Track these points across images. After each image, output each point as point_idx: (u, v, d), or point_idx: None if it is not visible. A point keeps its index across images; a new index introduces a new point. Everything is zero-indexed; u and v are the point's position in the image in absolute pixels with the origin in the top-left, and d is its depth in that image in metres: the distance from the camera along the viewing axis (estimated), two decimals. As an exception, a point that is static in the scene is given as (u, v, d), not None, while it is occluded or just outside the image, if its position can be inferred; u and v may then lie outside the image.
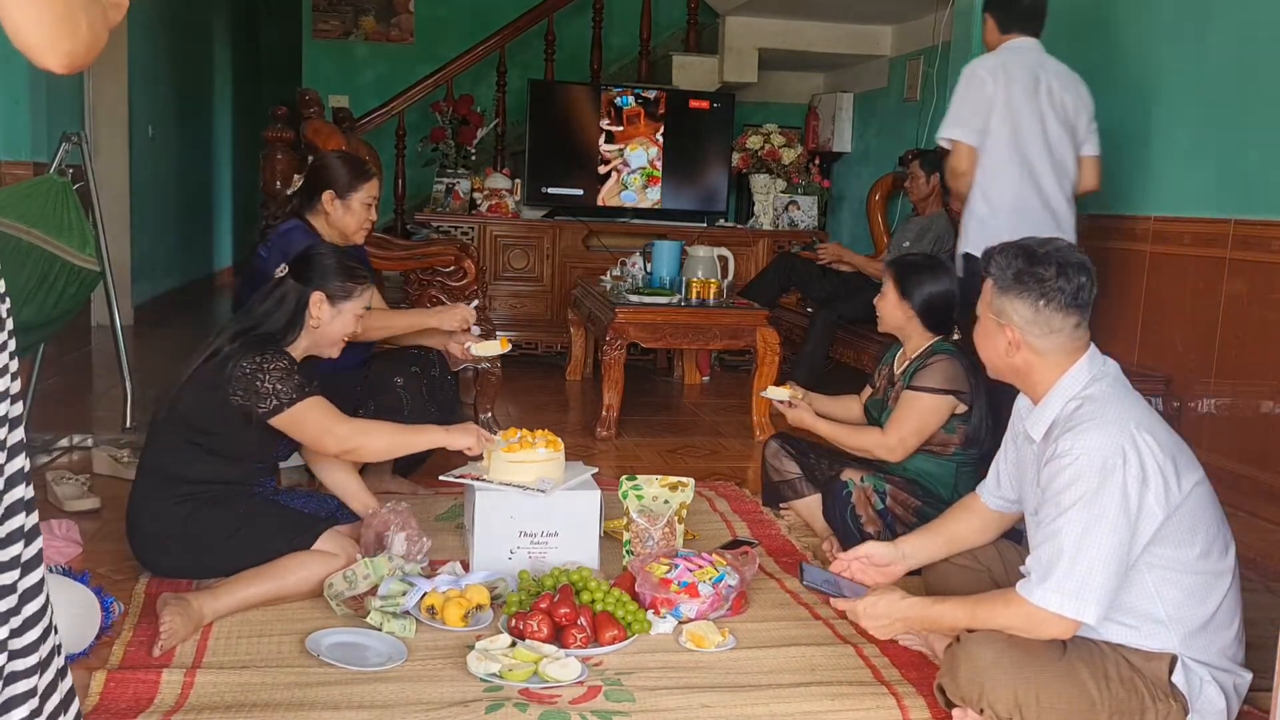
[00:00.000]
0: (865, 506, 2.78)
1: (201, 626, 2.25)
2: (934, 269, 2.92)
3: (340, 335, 2.57)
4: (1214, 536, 1.87)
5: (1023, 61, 3.39)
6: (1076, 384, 1.90)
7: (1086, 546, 1.76)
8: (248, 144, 10.12)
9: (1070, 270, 1.88)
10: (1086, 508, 1.77)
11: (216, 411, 2.40)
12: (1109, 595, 1.78)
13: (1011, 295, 1.91)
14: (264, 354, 2.40)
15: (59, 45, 1.09)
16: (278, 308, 2.50)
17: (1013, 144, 3.35)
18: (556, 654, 2.14)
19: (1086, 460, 1.78)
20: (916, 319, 2.87)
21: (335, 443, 2.46)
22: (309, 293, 2.50)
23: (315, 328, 2.52)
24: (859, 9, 6.06)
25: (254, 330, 2.47)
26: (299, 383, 2.41)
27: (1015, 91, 3.34)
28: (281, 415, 2.39)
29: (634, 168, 6.11)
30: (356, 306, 2.57)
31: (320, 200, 3.18)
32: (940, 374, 2.78)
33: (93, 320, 5.73)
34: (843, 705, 2.06)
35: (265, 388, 2.37)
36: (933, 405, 2.78)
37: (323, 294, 2.51)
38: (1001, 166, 3.36)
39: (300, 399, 2.40)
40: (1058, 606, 1.76)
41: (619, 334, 4.24)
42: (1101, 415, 1.83)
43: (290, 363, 2.43)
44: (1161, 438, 1.84)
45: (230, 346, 2.42)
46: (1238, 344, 3.53)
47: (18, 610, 1.19)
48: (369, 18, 7.28)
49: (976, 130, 3.35)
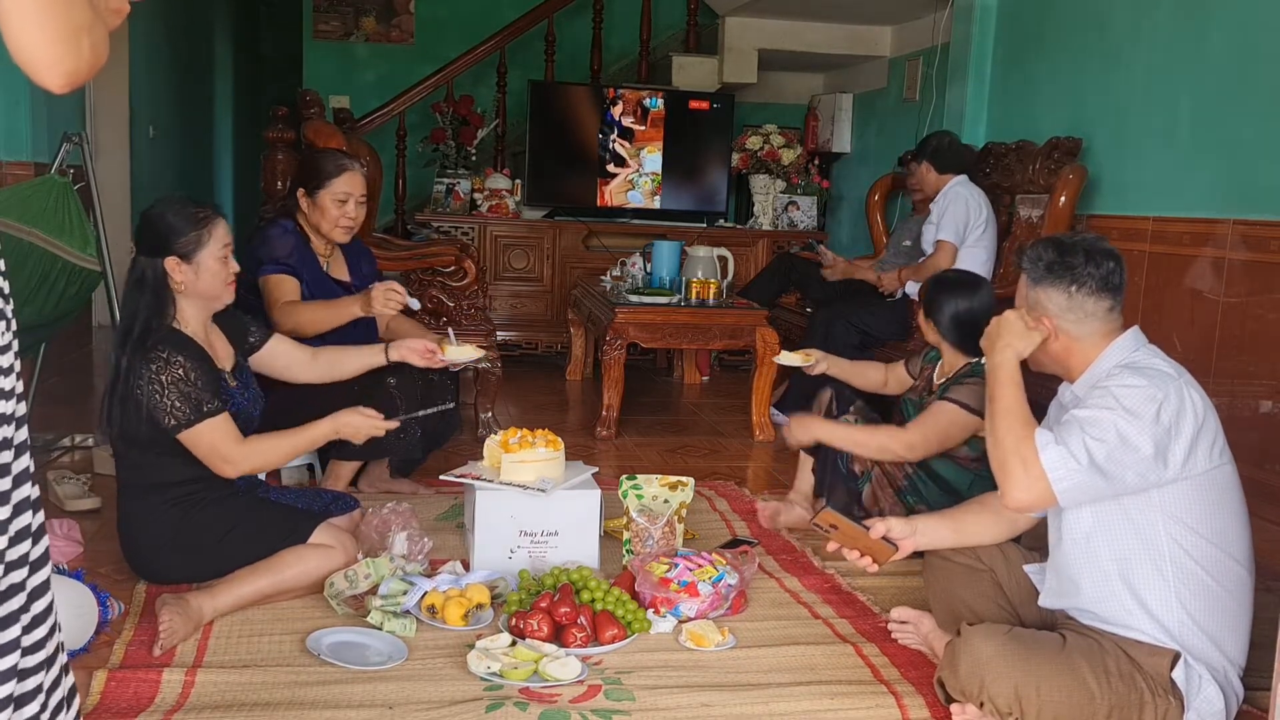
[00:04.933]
0: (860, 462, 2.82)
1: (202, 625, 2.25)
2: (962, 286, 2.86)
3: (217, 284, 2.41)
4: (1236, 534, 1.88)
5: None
6: (1122, 353, 1.94)
7: (1108, 426, 1.81)
8: (248, 144, 10.12)
9: (1098, 256, 1.94)
10: (1118, 408, 1.82)
11: (148, 422, 2.32)
12: (1099, 481, 1.82)
13: (1045, 285, 1.96)
14: (156, 361, 2.30)
15: (62, 64, 1.09)
16: (141, 291, 2.35)
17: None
18: (557, 653, 2.15)
19: (1125, 391, 1.84)
20: (945, 338, 2.84)
21: (230, 468, 2.37)
22: (160, 263, 2.35)
23: (184, 292, 2.38)
24: (859, 9, 6.06)
25: (133, 330, 2.33)
26: (196, 400, 2.31)
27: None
28: (181, 434, 2.33)
29: (646, 171, 6.14)
30: (215, 249, 2.39)
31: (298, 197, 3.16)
32: (975, 395, 2.71)
33: (93, 320, 5.73)
34: (842, 704, 2.06)
35: (164, 403, 2.30)
36: (960, 420, 2.73)
37: (174, 257, 2.35)
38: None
39: (198, 420, 2.32)
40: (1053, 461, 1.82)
41: (619, 334, 4.24)
42: (1151, 366, 1.89)
43: (185, 366, 2.31)
44: (1207, 406, 1.88)
45: (125, 359, 2.32)
46: (1237, 344, 3.53)
47: (27, 608, 1.20)
48: (369, 18, 7.28)
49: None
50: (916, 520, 2.20)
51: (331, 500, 2.68)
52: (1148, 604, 1.87)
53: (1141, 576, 1.87)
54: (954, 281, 2.91)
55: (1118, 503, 1.87)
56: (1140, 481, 1.83)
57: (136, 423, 2.32)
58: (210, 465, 2.38)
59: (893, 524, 2.15)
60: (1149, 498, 1.86)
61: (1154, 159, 3.99)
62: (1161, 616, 1.86)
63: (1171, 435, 1.81)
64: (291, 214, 3.21)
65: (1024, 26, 4.84)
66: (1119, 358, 1.93)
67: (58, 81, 1.10)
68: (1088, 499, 1.87)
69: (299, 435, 2.48)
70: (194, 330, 2.42)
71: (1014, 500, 1.88)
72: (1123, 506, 1.88)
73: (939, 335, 2.85)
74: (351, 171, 3.18)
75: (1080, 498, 1.86)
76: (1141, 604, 1.87)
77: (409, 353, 2.79)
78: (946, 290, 2.84)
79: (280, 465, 2.59)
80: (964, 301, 2.80)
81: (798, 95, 7.32)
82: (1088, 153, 4.32)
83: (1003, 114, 4.99)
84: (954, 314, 2.80)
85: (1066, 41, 4.54)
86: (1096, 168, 4.27)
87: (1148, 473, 1.82)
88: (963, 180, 4.44)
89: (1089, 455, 1.81)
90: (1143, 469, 1.81)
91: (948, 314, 2.80)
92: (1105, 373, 1.92)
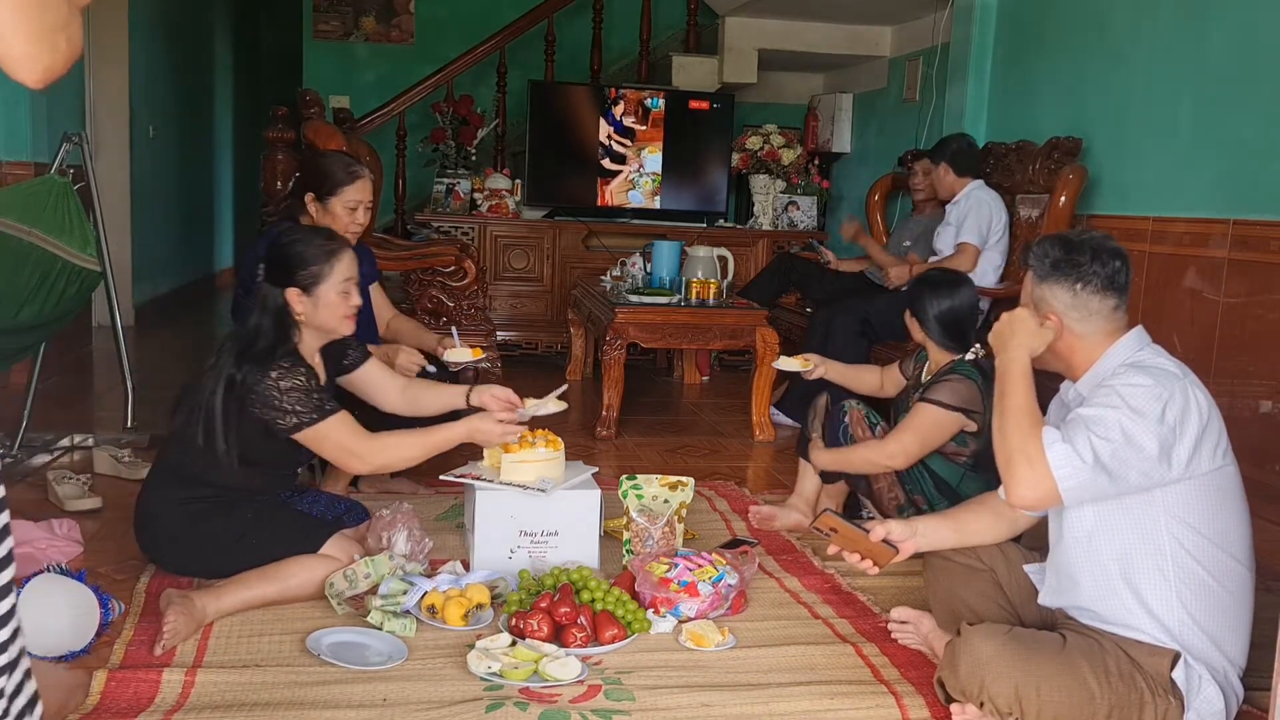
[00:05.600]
0: (860, 425, 2.84)
1: (203, 625, 2.26)
2: (946, 285, 2.90)
3: (336, 316, 2.47)
4: (1238, 534, 1.89)
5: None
6: (1126, 352, 1.94)
7: (1113, 424, 1.81)
8: (248, 144, 10.12)
9: (1105, 255, 1.94)
10: (1123, 407, 1.82)
11: (239, 420, 2.36)
12: (1103, 480, 1.81)
13: (1050, 283, 1.96)
14: (278, 369, 2.35)
15: (39, 60, 1.09)
16: (263, 316, 2.42)
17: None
18: (557, 653, 2.15)
19: (1131, 390, 1.83)
20: (930, 337, 2.88)
21: (360, 463, 2.42)
22: (282, 293, 2.43)
23: (304, 322, 2.46)
24: (859, 9, 6.06)
25: (254, 347, 2.39)
26: (318, 401, 2.37)
27: None
28: (303, 433, 2.37)
29: (647, 171, 6.14)
30: (335, 283, 2.45)
31: (304, 201, 3.16)
32: (954, 392, 2.76)
33: (93, 320, 5.73)
34: (842, 704, 2.06)
35: (284, 405, 2.34)
36: (941, 419, 2.76)
37: (295, 289, 2.43)
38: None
39: (321, 418, 2.37)
40: (1059, 459, 1.81)
41: (619, 334, 4.24)
42: (1156, 365, 1.89)
43: (305, 376, 2.37)
44: (1211, 406, 1.88)
45: (238, 372, 2.35)
46: (1237, 344, 3.53)
47: None
48: (369, 18, 7.28)
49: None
50: (916, 522, 2.20)
51: (345, 510, 2.68)
52: (1149, 603, 1.87)
53: (1143, 575, 1.87)
54: (938, 280, 2.95)
55: (1120, 501, 1.87)
56: (1144, 480, 1.83)
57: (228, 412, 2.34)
58: (339, 463, 2.44)
59: (893, 526, 2.15)
60: (1152, 497, 1.86)
61: (1154, 159, 3.99)
62: (1162, 616, 1.86)
63: (1176, 435, 1.81)
64: (295, 216, 3.20)
65: (1024, 26, 4.84)
66: (1123, 356, 1.93)
67: (35, 79, 1.11)
68: (1092, 497, 1.87)
69: (431, 435, 2.50)
70: (306, 353, 2.49)
71: (1019, 497, 1.88)
72: (1125, 505, 1.88)
73: (924, 334, 2.89)
74: (364, 179, 3.19)
75: (1084, 496, 1.86)
76: (1142, 603, 1.87)
77: (490, 400, 2.66)
78: (930, 289, 2.89)
79: (409, 465, 2.57)
80: (947, 300, 2.85)
81: (798, 95, 7.32)
82: (1088, 153, 4.32)
83: (1003, 114, 4.99)
84: (938, 312, 2.85)
85: (1067, 41, 4.54)
86: (1096, 168, 4.27)
87: (1152, 472, 1.82)
88: (981, 184, 4.44)
89: (1094, 454, 1.81)
90: (1147, 468, 1.81)
91: (932, 312, 2.85)
92: (1110, 371, 1.92)
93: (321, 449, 2.42)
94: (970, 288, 2.94)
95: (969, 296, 2.90)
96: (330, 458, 2.45)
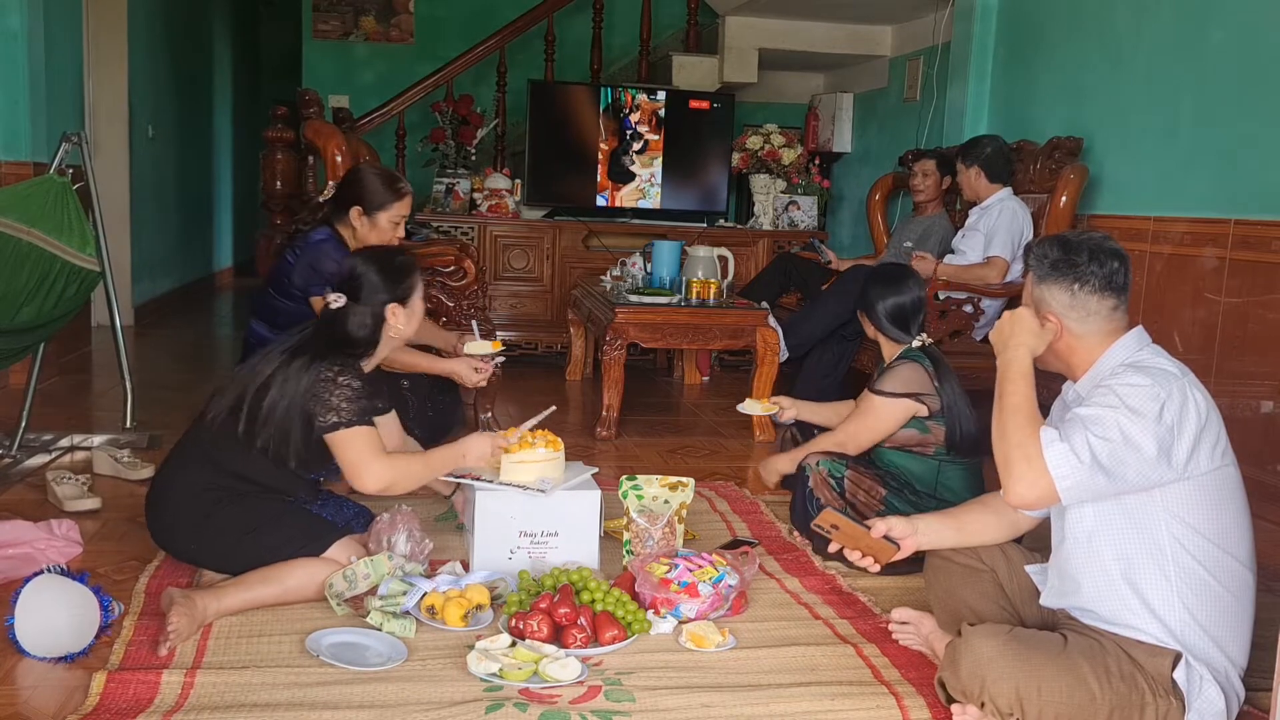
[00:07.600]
0: (823, 489, 2.85)
1: (203, 625, 2.25)
2: (888, 280, 2.99)
3: (415, 326, 2.60)
4: (1239, 534, 1.88)
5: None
6: (1126, 352, 1.94)
7: (1111, 424, 1.81)
8: (248, 144, 10.13)
9: (1103, 255, 1.94)
10: (1121, 406, 1.82)
11: (291, 406, 2.39)
12: (1101, 479, 1.81)
13: (1049, 283, 1.97)
14: (338, 364, 2.40)
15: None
16: (364, 319, 2.49)
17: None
18: (556, 654, 2.14)
19: (1129, 390, 1.83)
20: (880, 331, 2.97)
21: (372, 479, 2.43)
22: (383, 308, 2.50)
23: (394, 336, 2.55)
24: (859, 9, 6.07)
25: (346, 344, 2.47)
26: (363, 407, 2.41)
27: None
28: (336, 433, 2.39)
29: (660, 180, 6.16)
30: (420, 294, 2.60)
31: (349, 213, 3.25)
32: (897, 379, 2.86)
33: (93, 320, 5.74)
34: (843, 705, 2.06)
35: (332, 401, 2.38)
36: (886, 407, 2.85)
37: (394, 303, 2.52)
38: None
39: (357, 423, 2.40)
40: (1057, 458, 1.81)
41: (619, 334, 4.23)
42: (1155, 365, 1.89)
43: (362, 384, 2.42)
44: (1210, 406, 1.88)
45: (316, 347, 2.42)
46: (1238, 344, 3.53)
47: None
48: (369, 18, 7.28)
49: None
50: (918, 519, 2.20)
51: (354, 515, 2.69)
52: (1150, 603, 1.86)
53: (1144, 576, 1.87)
54: (884, 276, 3.03)
55: (1120, 502, 1.87)
56: (1142, 480, 1.83)
57: (289, 390, 2.38)
58: (352, 473, 2.44)
59: (894, 523, 2.15)
60: (1152, 497, 1.85)
61: (1155, 159, 3.99)
62: (1164, 616, 1.86)
63: (1174, 434, 1.81)
64: (331, 222, 3.27)
65: (1025, 26, 4.84)
66: (1122, 357, 1.93)
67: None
68: (1090, 497, 1.87)
69: (430, 460, 2.58)
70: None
71: (1017, 497, 1.87)
72: (1125, 506, 1.87)
73: (875, 328, 2.99)
74: (409, 195, 3.34)
75: (1082, 495, 1.86)
76: (1144, 603, 1.87)
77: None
78: (878, 284, 2.99)
79: (413, 488, 2.59)
80: (894, 295, 2.95)
81: (798, 95, 7.33)
82: (1088, 152, 4.32)
83: (1003, 114, 4.99)
84: (885, 307, 2.95)
85: (1067, 41, 4.54)
86: (1097, 167, 4.27)
87: (1150, 472, 1.81)
88: (1009, 193, 4.40)
89: (1092, 453, 1.80)
90: (1145, 468, 1.81)
91: (880, 308, 2.95)
92: (1109, 371, 1.92)
93: (343, 453, 2.42)
94: (917, 282, 3.01)
95: (916, 290, 2.98)
96: (346, 465, 2.45)
